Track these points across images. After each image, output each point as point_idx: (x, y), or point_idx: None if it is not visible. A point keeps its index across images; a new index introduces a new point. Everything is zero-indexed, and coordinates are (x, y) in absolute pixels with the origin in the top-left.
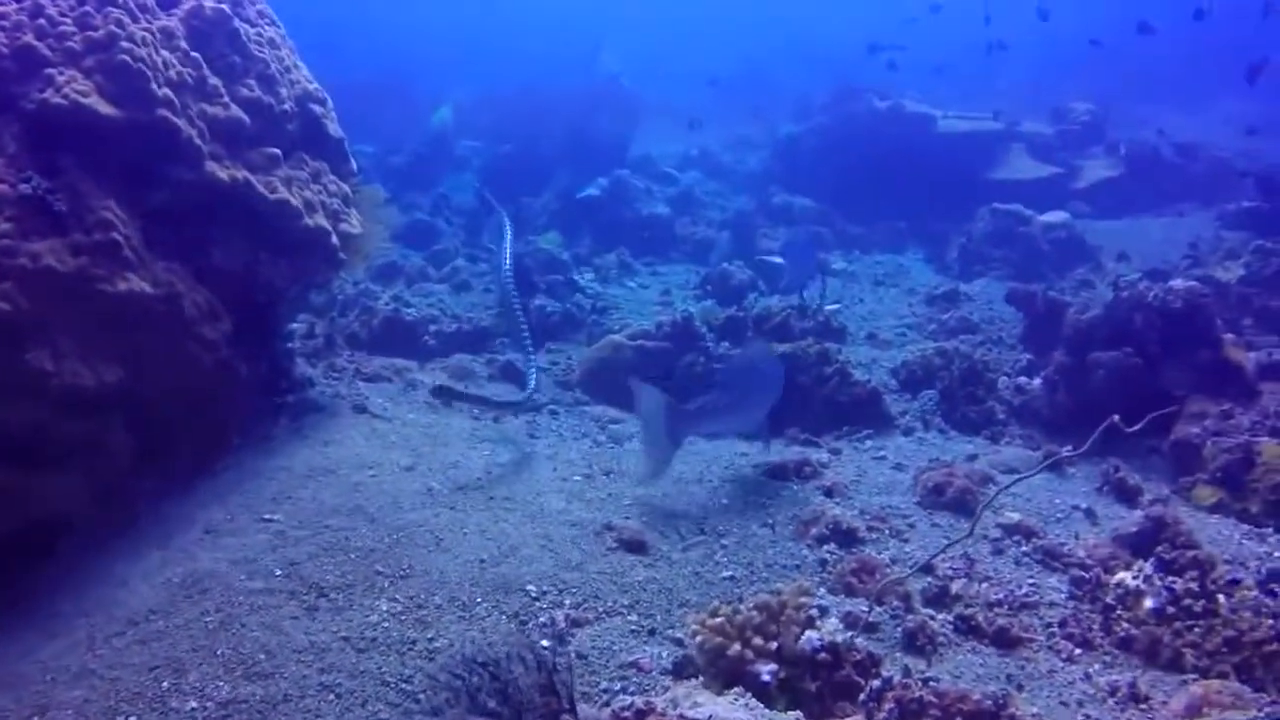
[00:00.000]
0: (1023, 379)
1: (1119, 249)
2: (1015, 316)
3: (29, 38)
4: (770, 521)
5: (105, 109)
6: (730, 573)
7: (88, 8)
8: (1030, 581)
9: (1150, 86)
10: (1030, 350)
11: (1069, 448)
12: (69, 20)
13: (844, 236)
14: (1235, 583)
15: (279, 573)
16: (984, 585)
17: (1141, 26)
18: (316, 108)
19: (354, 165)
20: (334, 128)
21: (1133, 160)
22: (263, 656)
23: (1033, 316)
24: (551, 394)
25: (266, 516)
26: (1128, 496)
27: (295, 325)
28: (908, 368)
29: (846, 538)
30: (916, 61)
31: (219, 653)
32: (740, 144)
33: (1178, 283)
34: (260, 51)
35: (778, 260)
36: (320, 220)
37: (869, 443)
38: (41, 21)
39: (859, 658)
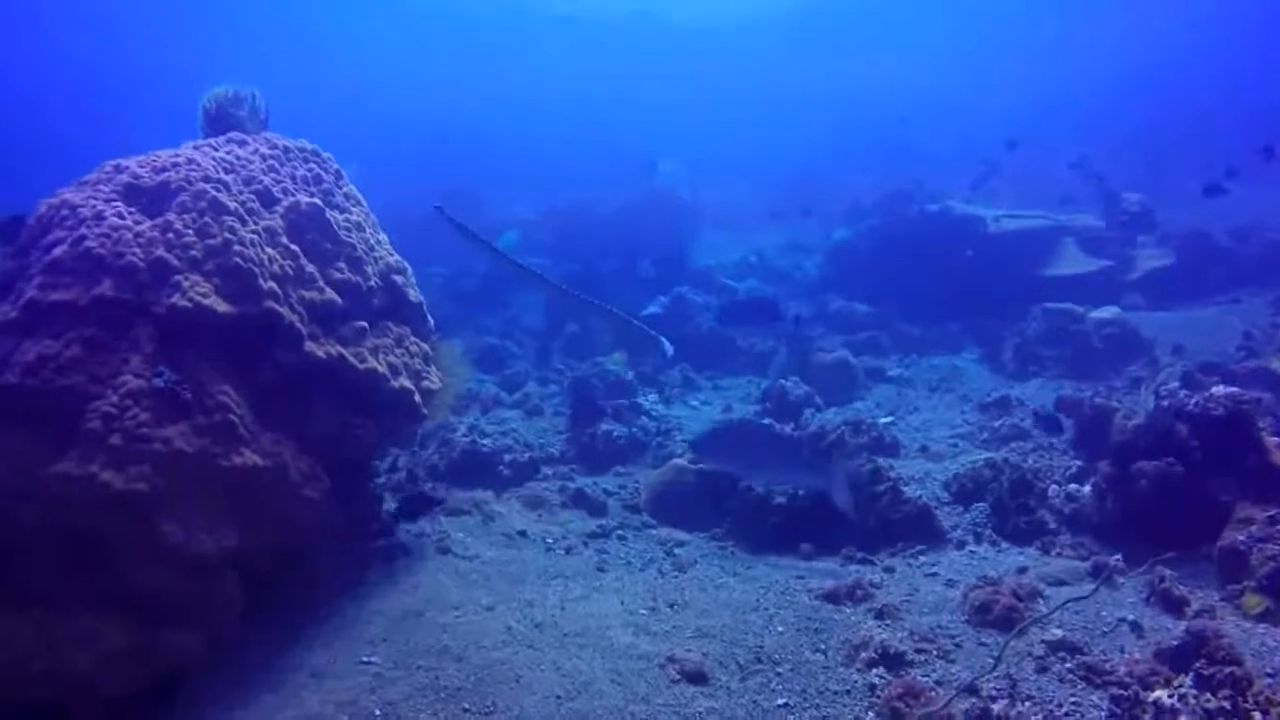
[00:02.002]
0: (1073, 486)
1: (1174, 341)
2: (1067, 421)
3: (160, 251)
4: (823, 647)
5: (222, 307)
6: (785, 700)
7: (206, 218)
8: (1072, 700)
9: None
10: (1081, 456)
11: (1117, 558)
12: (191, 231)
13: (900, 339)
14: (1274, 701)
15: (378, 713)
16: (1026, 705)
17: (1267, 151)
18: (398, 278)
19: (431, 323)
20: (414, 293)
21: (1184, 248)
22: None
23: (1081, 423)
24: (620, 518)
25: (365, 659)
26: (1174, 607)
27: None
28: (959, 480)
29: (894, 661)
30: (966, 157)
31: None
32: (796, 248)
33: (1219, 390)
34: (348, 236)
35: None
36: (404, 382)
37: (922, 558)
38: (170, 235)
39: None
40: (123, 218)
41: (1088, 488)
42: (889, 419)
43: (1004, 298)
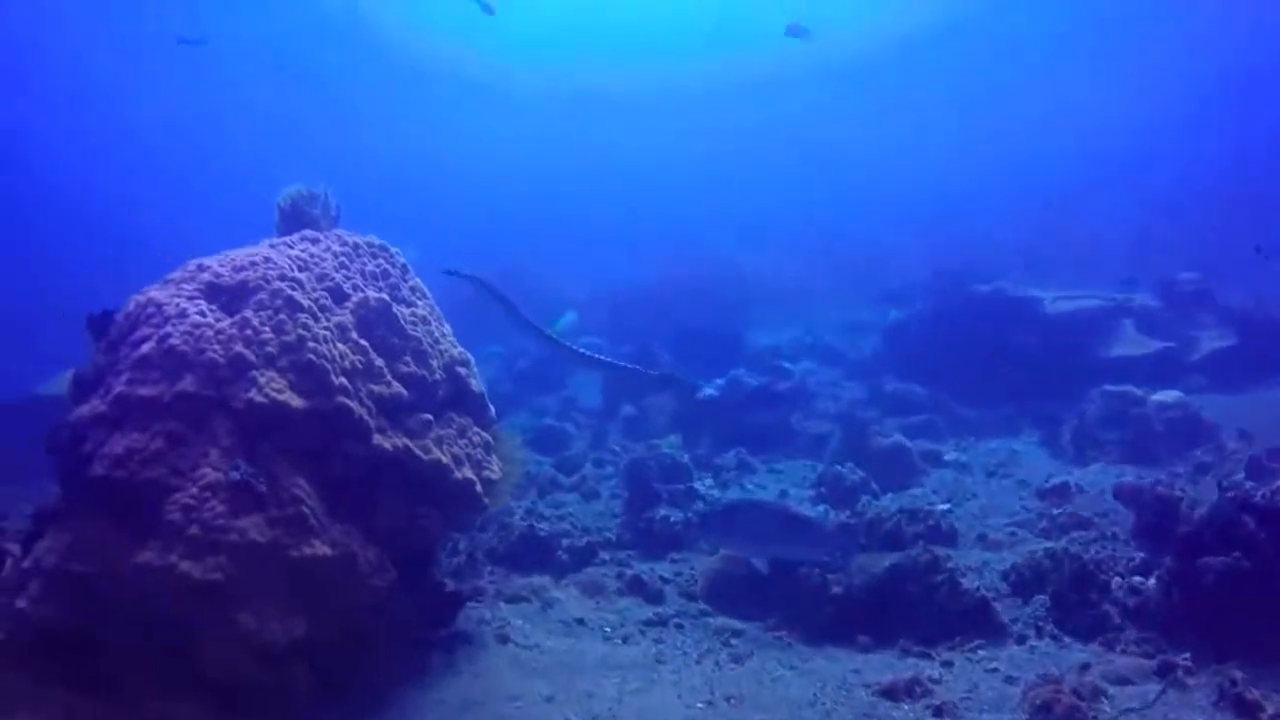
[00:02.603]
0: (1137, 578)
1: (1239, 425)
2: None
3: (239, 348)
4: None
5: (296, 402)
6: None
7: (281, 315)
8: None
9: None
10: (1144, 547)
11: (1185, 657)
12: (268, 328)
13: (957, 421)
14: None
15: None
16: None
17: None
18: (461, 370)
19: (492, 412)
20: (475, 384)
21: (1246, 327)
22: None
23: (1143, 513)
24: (677, 605)
25: None
26: (1248, 712)
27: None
28: (1018, 571)
29: None
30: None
31: None
32: (852, 328)
33: None
34: (414, 330)
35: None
36: (467, 472)
37: (981, 653)
38: (248, 332)
39: None
40: (204, 315)
41: (1152, 581)
42: (946, 506)
43: (1061, 380)
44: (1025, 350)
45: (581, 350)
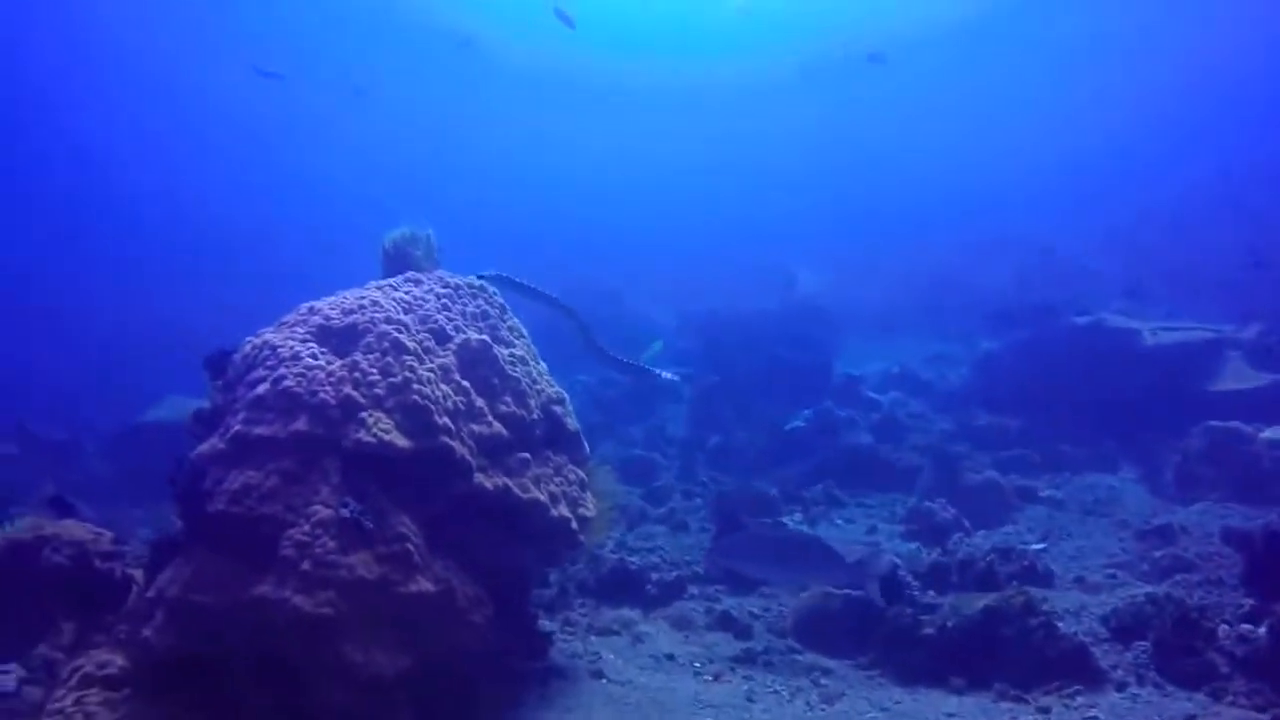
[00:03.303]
0: (1246, 626)
1: None
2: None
3: (348, 389)
4: None
5: (401, 442)
6: None
7: (388, 358)
8: None
9: None
10: (1254, 594)
11: None
12: (376, 370)
13: (1052, 456)
14: None
15: None
16: None
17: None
18: (557, 408)
19: (587, 449)
20: (571, 422)
21: None
22: None
23: (1252, 557)
24: (766, 642)
25: None
26: None
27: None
28: (1118, 616)
29: None
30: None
31: None
32: (939, 359)
33: None
34: (513, 370)
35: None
36: (563, 510)
37: (1079, 699)
38: (357, 374)
39: None
40: (316, 358)
41: (1264, 629)
42: (1041, 546)
43: (1163, 414)
44: (1124, 384)
45: (603, 348)
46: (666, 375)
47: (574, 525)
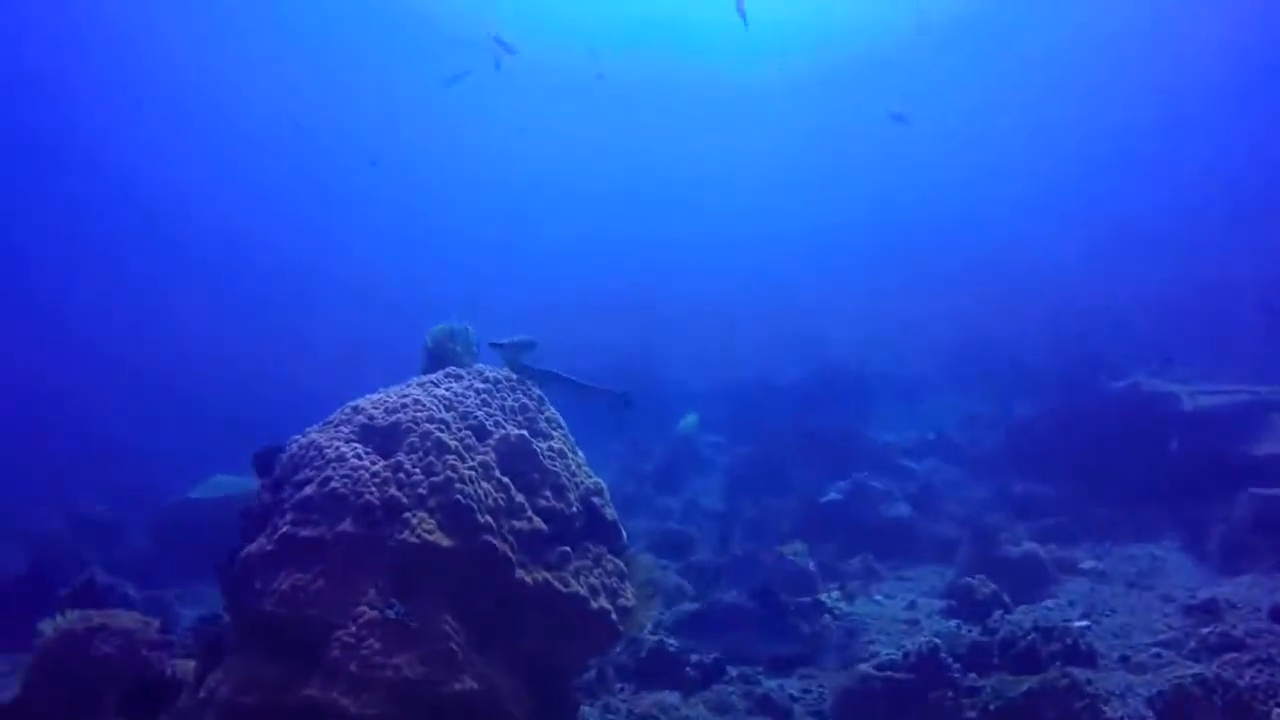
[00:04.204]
0: None
1: None
2: None
3: (393, 490)
4: None
5: (444, 541)
6: None
7: (430, 457)
8: None
9: None
10: None
11: None
12: (419, 470)
13: (1091, 524)
14: None
15: None
16: None
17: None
18: (596, 499)
19: (625, 538)
20: (610, 512)
21: None
22: None
23: None
24: None
25: None
26: None
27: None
28: (1165, 698)
29: None
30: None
31: None
32: (973, 421)
33: None
34: (552, 465)
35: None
36: (603, 602)
37: None
38: (400, 474)
39: None
40: (360, 459)
41: None
42: (1084, 623)
43: (1205, 479)
44: (1164, 449)
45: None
46: (616, 391)
47: (614, 616)
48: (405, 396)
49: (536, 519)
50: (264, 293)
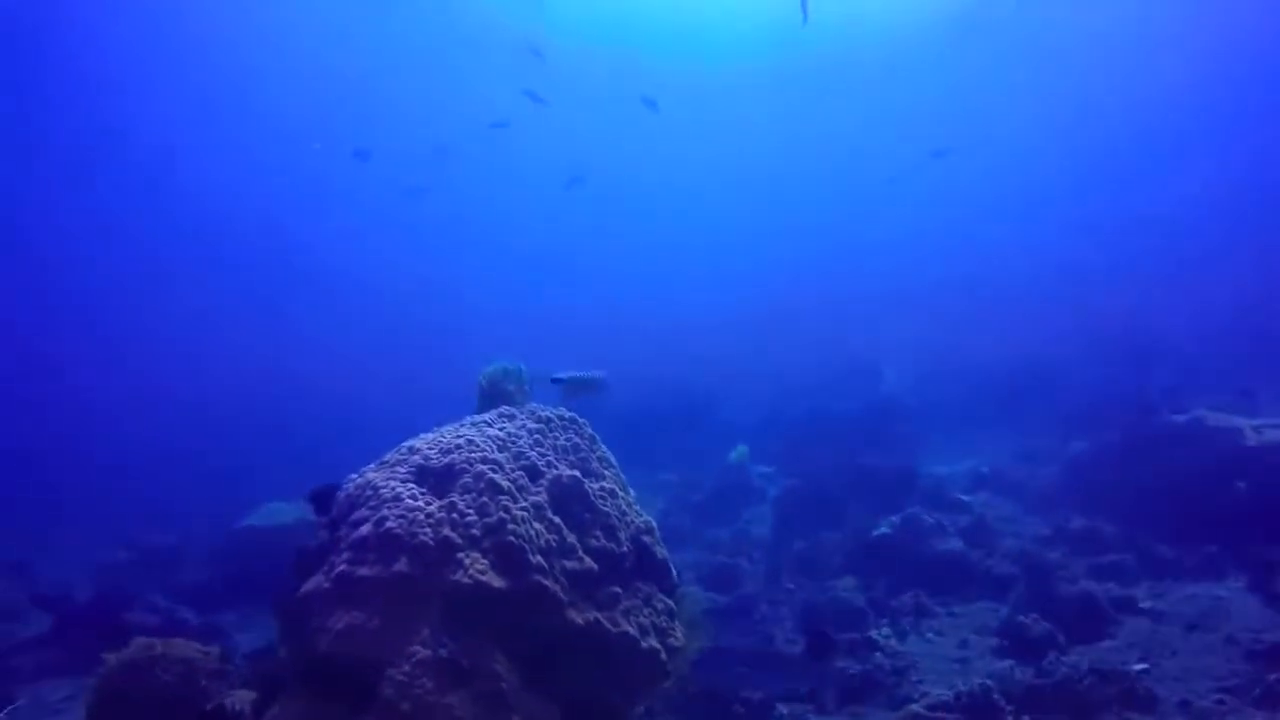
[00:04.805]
0: None
1: None
2: None
3: (447, 530)
4: None
5: (496, 582)
6: None
7: (484, 498)
8: None
9: None
10: None
11: None
12: (472, 511)
13: (1151, 561)
14: None
15: None
16: None
17: None
18: (646, 538)
19: (675, 576)
20: (660, 551)
21: None
22: None
23: None
24: None
25: None
26: None
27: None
28: None
29: None
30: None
31: None
32: (1027, 455)
33: None
34: (604, 505)
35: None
36: (652, 642)
37: None
38: (454, 515)
39: None
40: (415, 499)
41: None
42: (1143, 667)
43: (1271, 519)
44: (1228, 485)
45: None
46: (598, 374)
47: (663, 656)
48: (460, 436)
49: (587, 559)
50: (318, 313)
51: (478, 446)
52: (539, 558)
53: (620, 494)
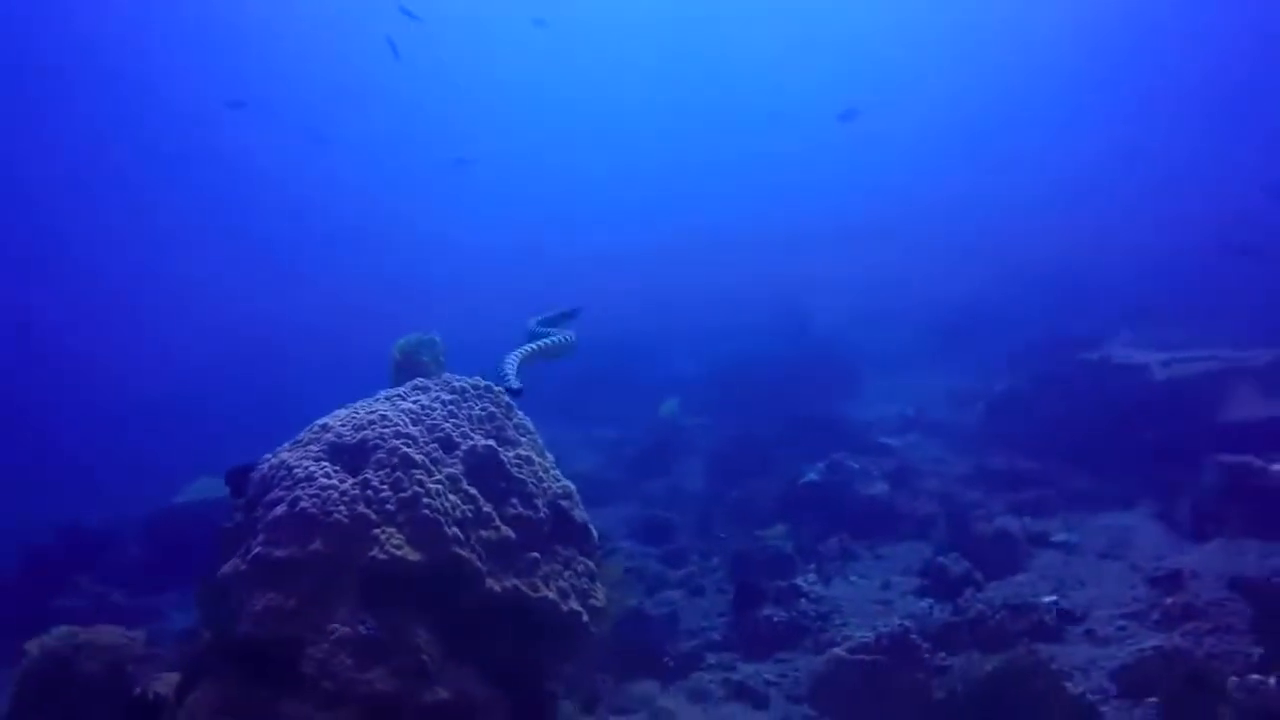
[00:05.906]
0: (1254, 676)
1: None
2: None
3: (361, 508)
4: None
5: (413, 556)
6: None
7: (398, 473)
8: None
9: None
10: (1264, 642)
11: None
12: (386, 486)
13: (1068, 495)
14: None
15: None
16: None
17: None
18: (564, 503)
19: (595, 538)
20: (579, 514)
21: None
22: None
23: (1262, 605)
24: (783, 711)
25: None
26: None
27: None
28: (1127, 672)
29: None
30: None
31: None
32: (957, 395)
33: None
34: (519, 473)
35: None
36: (574, 604)
37: None
38: (369, 492)
39: None
40: (329, 478)
41: (1273, 680)
42: (1052, 599)
43: (1179, 448)
44: (1138, 419)
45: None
46: (568, 336)
47: (585, 618)
48: (372, 412)
49: (505, 527)
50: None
51: (391, 421)
52: (455, 529)
53: (537, 460)
